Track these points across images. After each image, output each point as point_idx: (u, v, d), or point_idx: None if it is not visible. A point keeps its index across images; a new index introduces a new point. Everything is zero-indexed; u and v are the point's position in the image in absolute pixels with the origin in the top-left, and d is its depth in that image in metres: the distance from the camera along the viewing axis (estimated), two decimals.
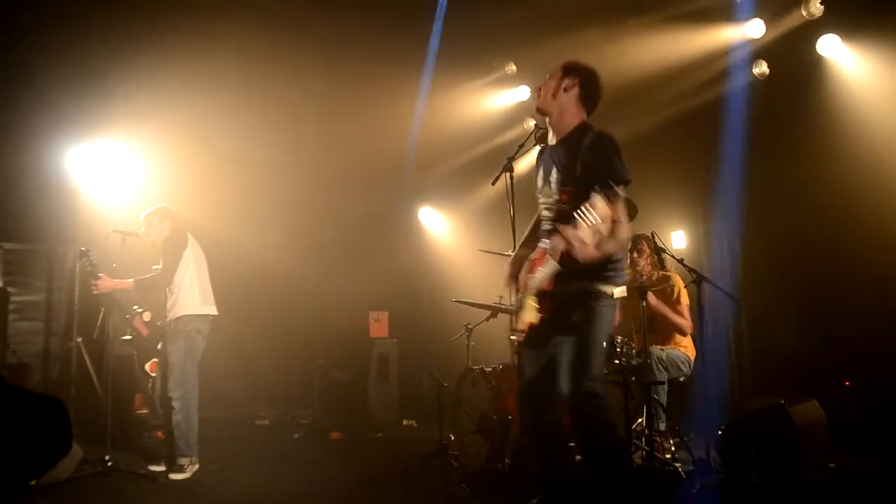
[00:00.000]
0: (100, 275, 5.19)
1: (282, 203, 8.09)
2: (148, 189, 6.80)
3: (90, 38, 6.61)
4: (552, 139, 3.48)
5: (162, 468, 5.27)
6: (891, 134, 5.87)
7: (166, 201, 5.59)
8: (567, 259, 2.98)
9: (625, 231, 3.02)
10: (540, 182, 3.49)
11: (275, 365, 8.12)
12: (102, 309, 5.31)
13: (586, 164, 3.16)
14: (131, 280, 5.26)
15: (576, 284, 3.12)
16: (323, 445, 6.75)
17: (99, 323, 5.33)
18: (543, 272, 3.15)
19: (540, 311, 3.19)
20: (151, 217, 5.43)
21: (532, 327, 3.22)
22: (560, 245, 2.98)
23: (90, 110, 6.79)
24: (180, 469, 5.17)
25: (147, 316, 5.43)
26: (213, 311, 5.44)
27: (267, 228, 7.99)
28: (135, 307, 5.45)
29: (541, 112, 3.48)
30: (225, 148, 7.60)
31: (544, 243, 3.29)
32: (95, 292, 5.23)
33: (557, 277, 3.10)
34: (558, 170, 3.33)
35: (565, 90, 3.40)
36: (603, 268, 3.14)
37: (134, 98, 6.63)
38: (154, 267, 5.35)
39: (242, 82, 7.31)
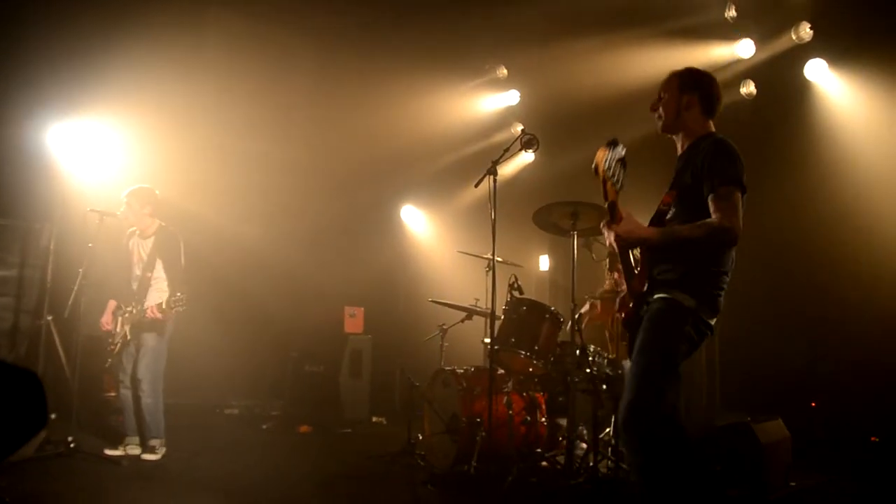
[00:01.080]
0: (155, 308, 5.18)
1: (264, 193, 8.04)
2: (128, 170, 6.73)
3: (77, 14, 6.54)
4: (679, 150, 3.27)
5: (119, 452, 5.22)
6: (871, 161, 5.96)
7: (147, 184, 5.55)
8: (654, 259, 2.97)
9: (720, 235, 2.87)
10: None
11: (247, 355, 8.07)
12: (75, 287, 5.23)
13: (696, 167, 3.02)
14: (173, 309, 5.18)
15: (659, 290, 2.98)
16: (291, 438, 6.73)
17: (71, 302, 5.25)
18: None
19: (622, 311, 3.14)
20: (132, 199, 5.40)
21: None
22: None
23: (74, 87, 6.69)
24: (152, 450, 5.20)
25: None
26: None
27: (247, 218, 7.92)
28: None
29: (667, 133, 3.28)
30: (209, 134, 7.54)
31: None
32: (149, 315, 5.16)
33: (647, 281, 3.01)
34: (675, 174, 3.21)
35: (687, 109, 3.18)
36: (690, 276, 2.94)
37: (119, 78, 6.55)
38: (141, 243, 5.43)
39: (232, 70, 7.27)
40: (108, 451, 5.21)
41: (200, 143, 7.49)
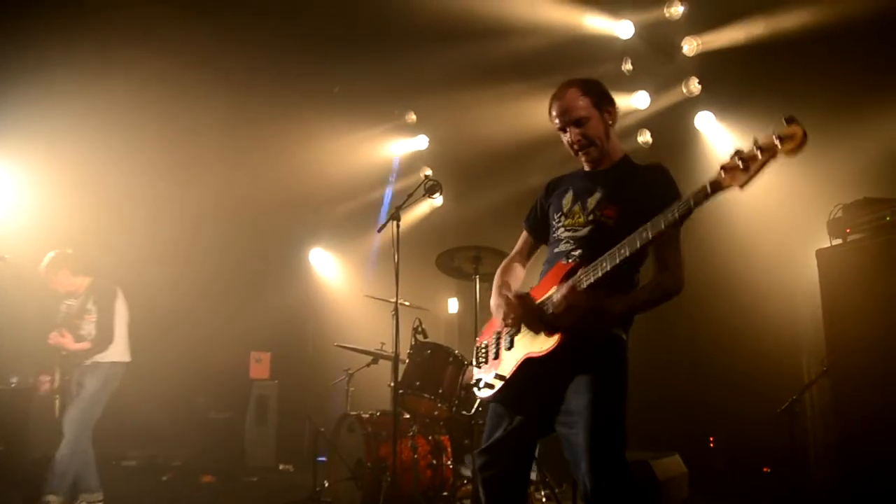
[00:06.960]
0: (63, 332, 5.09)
1: (168, 237, 7.81)
2: (21, 212, 6.45)
3: None
4: (589, 167, 2.89)
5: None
6: (752, 204, 6.33)
7: (41, 225, 5.38)
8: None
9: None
10: (567, 207, 2.87)
11: (148, 403, 7.73)
12: None
13: (648, 193, 2.72)
14: (88, 343, 5.15)
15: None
16: (192, 489, 6.48)
17: None
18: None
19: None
20: (46, 271, 5.26)
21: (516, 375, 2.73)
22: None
23: None
24: None
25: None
26: (129, 357, 5.48)
27: (151, 262, 7.65)
28: None
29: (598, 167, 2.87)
30: (111, 176, 7.29)
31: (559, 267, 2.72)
32: (51, 343, 5.10)
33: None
34: (603, 189, 2.78)
35: (612, 124, 2.83)
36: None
37: (14, 113, 6.31)
38: (67, 303, 5.33)
39: (138, 111, 7.10)
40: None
41: (102, 185, 7.24)
